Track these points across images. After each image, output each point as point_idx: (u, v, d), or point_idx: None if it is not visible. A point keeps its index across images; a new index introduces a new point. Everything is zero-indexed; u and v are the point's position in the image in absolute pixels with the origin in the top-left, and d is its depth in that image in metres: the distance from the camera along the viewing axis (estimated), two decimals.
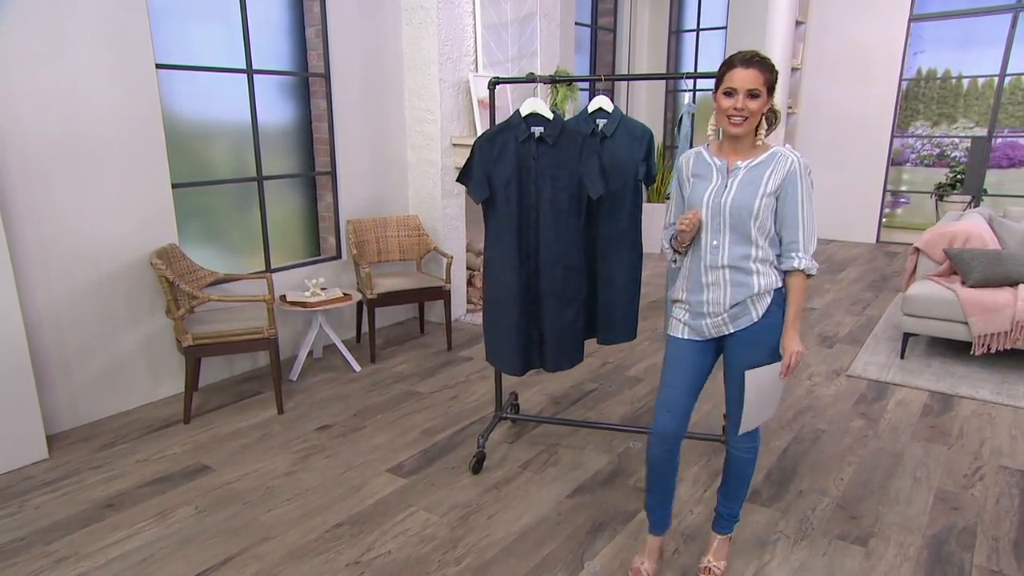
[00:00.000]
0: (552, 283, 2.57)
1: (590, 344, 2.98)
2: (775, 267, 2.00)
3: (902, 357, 4.23)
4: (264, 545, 2.41)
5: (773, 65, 1.90)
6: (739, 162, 1.96)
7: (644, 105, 7.70)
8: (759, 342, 2.01)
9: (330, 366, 4.21)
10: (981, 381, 3.83)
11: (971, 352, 3.99)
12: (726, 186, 1.95)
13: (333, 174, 4.45)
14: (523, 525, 2.54)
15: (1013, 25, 6.81)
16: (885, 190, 8.07)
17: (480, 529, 2.51)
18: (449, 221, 4.83)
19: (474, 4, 4.60)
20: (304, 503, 2.68)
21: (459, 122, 4.72)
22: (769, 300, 1.99)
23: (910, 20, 7.32)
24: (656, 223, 5.61)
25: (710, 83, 2.03)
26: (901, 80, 7.57)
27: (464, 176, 2.49)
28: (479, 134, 2.88)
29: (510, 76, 5.01)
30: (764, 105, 1.89)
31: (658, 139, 7.80)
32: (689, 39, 7.42)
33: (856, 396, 3.71)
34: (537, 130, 2.46)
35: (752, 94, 1.85)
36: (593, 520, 2.57)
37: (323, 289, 4.05)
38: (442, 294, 4.37)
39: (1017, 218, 5.06)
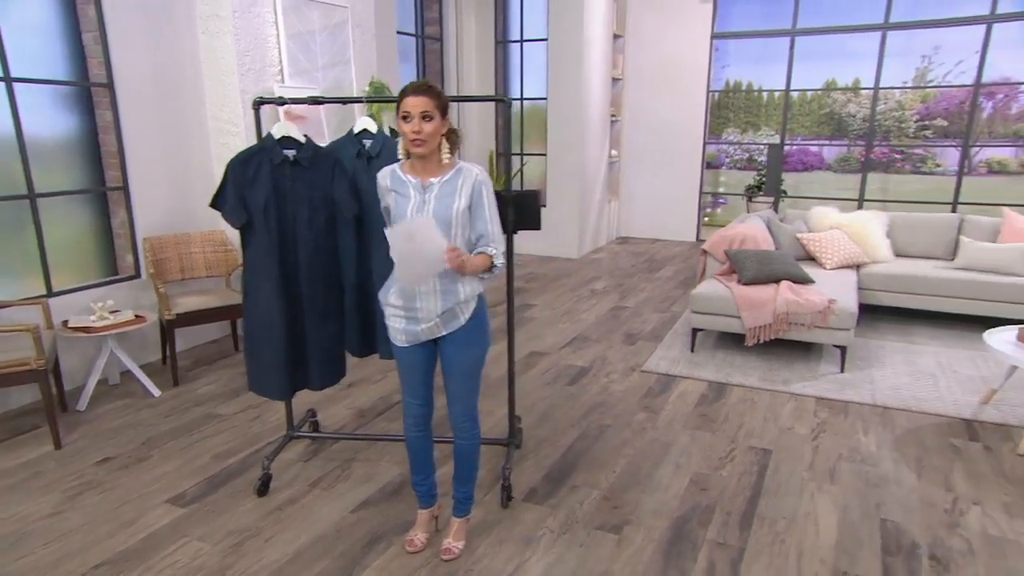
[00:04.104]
0: (314, 302, 2.61)
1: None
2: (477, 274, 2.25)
3: (692, 351, 4.63)
4: None
5: (441, 92, 2.15)
6: (432, 179, 2.18)
7: (476, 112, 7.88)
8: (469, 341, 2.30)
9: (128, 392, 3.98)
10: (752, 369, 4.28)
11: (745, 343, 4.45)
12: (424, 201, 2.17)
13: (126, 189, 4.21)
14: (300, 545, 2.55)
15: (791, 47, 7.63)
16: (701, 192, 8.76)
17: (254, 554, 2.49)
18: None
19: (276, 13, 4.51)
20: (64, 545, 2.53)
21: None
22: (474, 304, 2.28)
23: (712, 37, 7.99)
24: None
25: (535, 91, 2.21)
26: (709, 91, 8.24)
27: (217, 200, 2.46)
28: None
29: (321, 86, 4.98)
30: (440, 127, 2.12)
31: (490, 147, 8.01)
32: (515, 49, 7.67)
33: (645, 390, 4.02)
34: (290, 153, 2.48)
35: (426, 117, 2.08)
36: (372, 533, 2.62)
37: (112, 312, 3.83)
38: None
39: (791, 220, 5.68)
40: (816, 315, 4.13)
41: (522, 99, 7.82)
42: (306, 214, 2.53)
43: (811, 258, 5.27)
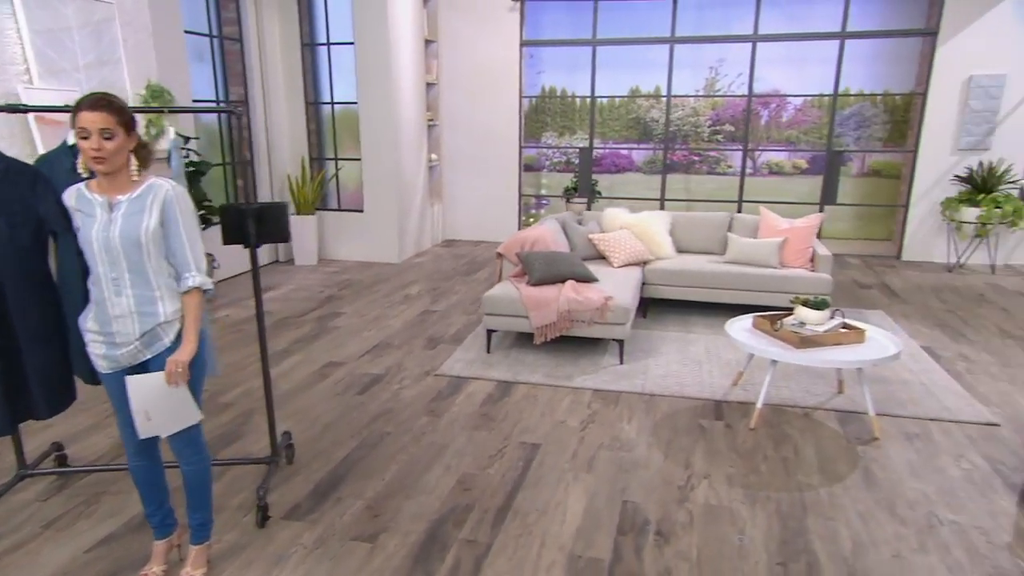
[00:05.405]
0: (26, 324, 2.40)
1: None
2: (179, 292, 2.18)
3: (488, 352, 4.75)
4: None
5: (123, 107, 2.03)
6: (119, 197, 2.08)
7: (287, 118, 7.61)
8: None
9: None
10: (539, 366, 4.47)
11: (534, 342, 4.64)
12: (111, 220, 2.06)
13: None
14: None
15: (593, 56, 8.09)
16: (521, 194, 9.03)
17: None
18: None
19: (14, 7, 4.08)
20: None
21: (12, 141, 4.16)
22: (179, 325, 2.18)
23: (522, 44, 8.26)
24: None
25: (349, 95, 2.08)
26: (522, 97, 8.51)
27: None
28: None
29: (85, 88, 4.58)
30: (123, 144, 2.02)
31: (302, 153, 7.76)
32: (323, 52, 7.49)
33: (434, 394, 4.07)
34: None
35: (106, 134, 1.96)
36: (106, 572, 2.45)
37: None
38: None
39: (587, 221, 6.00)
40: (594, 312, 4.39)
41: (332, 103, 7.65)
42: (6, 231, 2.31)
43: (602, 257, 5.60)
